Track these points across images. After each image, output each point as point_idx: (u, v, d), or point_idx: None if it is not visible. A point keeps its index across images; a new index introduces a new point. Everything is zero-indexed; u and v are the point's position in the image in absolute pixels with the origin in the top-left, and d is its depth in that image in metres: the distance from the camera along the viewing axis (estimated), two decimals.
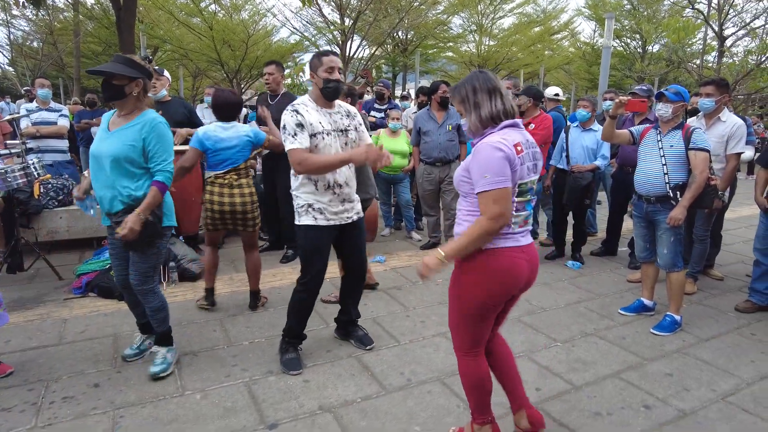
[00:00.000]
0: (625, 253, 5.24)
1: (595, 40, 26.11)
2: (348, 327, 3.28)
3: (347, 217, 2.94)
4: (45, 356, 3.03)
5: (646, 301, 3.86)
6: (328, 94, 2.80)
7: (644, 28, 21.46)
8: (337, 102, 2.94)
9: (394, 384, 2.78)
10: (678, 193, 3.43)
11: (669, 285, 3.62)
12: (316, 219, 2.83)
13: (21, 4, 10.00)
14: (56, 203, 4.99)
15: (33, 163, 4.16)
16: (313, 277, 2.91)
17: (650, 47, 23.81)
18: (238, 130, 3.51)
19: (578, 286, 4.45)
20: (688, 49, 21.00)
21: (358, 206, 3.06)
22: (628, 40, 24.55)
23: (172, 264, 4.18)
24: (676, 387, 2.83)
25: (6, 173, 3.79)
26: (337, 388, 2.72)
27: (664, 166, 3.47)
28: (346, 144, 2.87)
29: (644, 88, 4.84)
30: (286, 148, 2.71)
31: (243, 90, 20.58)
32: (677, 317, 3.60)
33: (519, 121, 2.01)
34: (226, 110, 3.52)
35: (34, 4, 9.65)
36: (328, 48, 19.80)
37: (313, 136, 2.74)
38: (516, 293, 2.08)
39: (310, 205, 2.82)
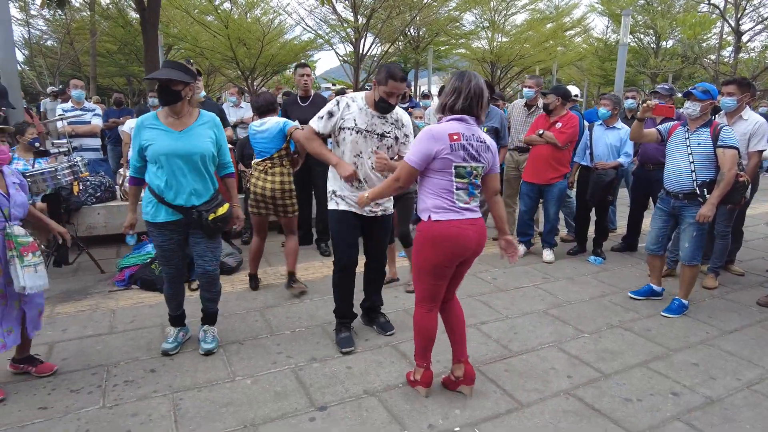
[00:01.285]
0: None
1: (607, 36, 26.02)
2: (370, 314, 3.47)
3: (370, 211, 3.08)
4: (101, 344, 3.22)
5: (655, 287, 4.07)
6: (378, 108, 2.96)
7: (658, 24, 21.35)
8: (395, 109, 3.04)
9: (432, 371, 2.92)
10: (705, 190, 3.55)
11: (683, 275, 3.82)
12: (337, 204, 3.06)
13: (45, 4, 10.26)
14: (94, 200, 5.19)
15: (77, 162, 4.35)
16: (341, 256, 3.11)
17: (664, 43, 23.67)
18: (270, 122, 3.85)
19: (601, 280, 4.57)
20: (704, 45, 20.88)
21: (387, 204, 3.17)
22: (642, 36, 24.40)
23: None
24: (702, 376, 2.95)
25: (56, 171, 3.98)
26: (379, 375, 2.88)
27: (692, 164, 3.59)
28: (378, 148, 2.99)
29: (666, 87, 4.93)
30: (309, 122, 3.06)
31: (257, 88, 20.77)
32: (685, 301, 3.83)
33: (467, 117, 2.40)
34: (263, 107, 3.92)
35: (58, 5, 9.91)
36: (341, 46, 19.96)
37: (341, 129, 2.95)
38: (467, 257, 2.50)
39: (334, 192, 3.08)
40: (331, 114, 2.96)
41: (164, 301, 3.18)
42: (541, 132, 4.80)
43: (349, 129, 2.94)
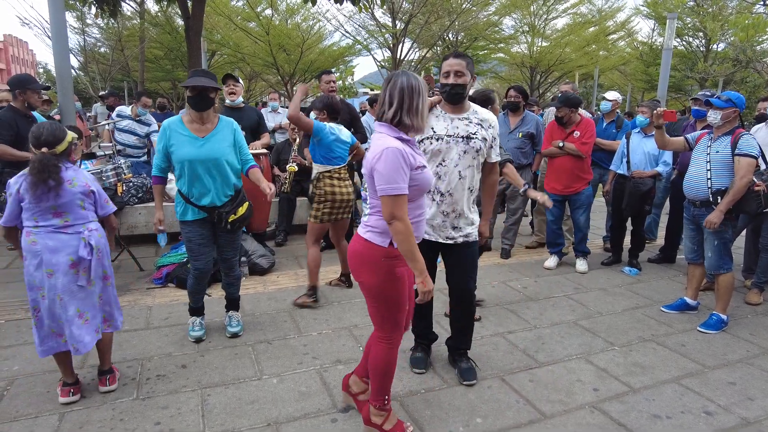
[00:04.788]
0: (684, 260, 5.14)
1: (653, 40, 25.17)
2: (454, 354, 3.05)
3: (448, 237, 2.73)
4: (137, 338, 3.37)
5: (689, 300, 3.97)
6: (446, 98, 2.68)
7: (708, 26, 20.54)
8: (475, 109, 2.76)
9: (455, 379, 2.92)
10: (719, 197, 3.52)
11: (717, 286, 3.73)
12: None
13: (99, 14, 10.79)
14: (136, 200, 5.43)
15: (121, 164, 4.57)
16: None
17: (715, 46, 22.74)
18: (344, 131, 3.96)
19: (636, 292, 4.44)
20: (758, 48, 19.94)
21: (470, 229, 2.77)
22: (691, 39, 23.53)
23: (243, 259, 4.49)
24: (740, 396, 2.83)
25: (101, 173, 4.21)
26: (401, 380, 2.90)
27: (708, 171, 3.58)
28: (465, 152, 2.66)
29: (707, 93, 4.75)
30: None
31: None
32: (723, 316, 3.69)
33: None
34: (336, 113, 3.98)
35: (111, 14, 10.40)
36: (379, 51, 20.13)
37: (420, 141, 2.67)
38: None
39: None
40: None
41: None
42: (561, 144, 4.73)
43: (428, 139, 2.67)
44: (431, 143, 2.67)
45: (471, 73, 2.63)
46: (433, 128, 2.69)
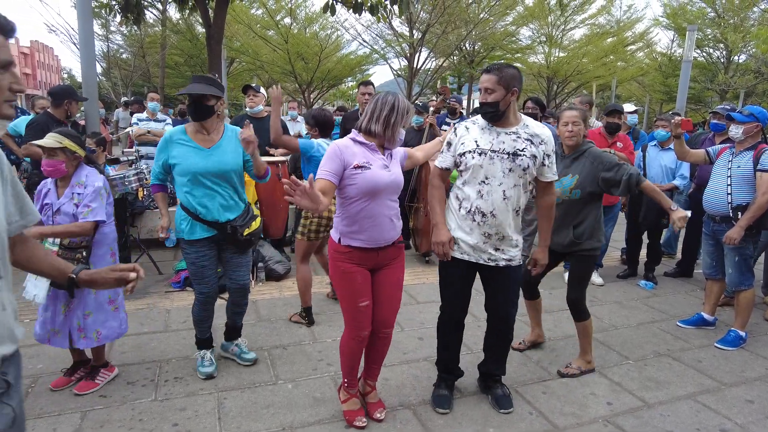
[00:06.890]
0: (701, 275, 5.09)
1: (672, 51, 24.94)
2: (487, 380, 2.89)
3: (489, 259, 2.57)
4: (155, 341, 3.44)
5: (706, 316, 3.93)
6: (482, 115, 2.55)
7: (729, 38, 20.29)
8: (526, 123, 2.56)
9: (469, 389, 2.94)
10: (739, 213, 3.49)
11: (737, 302, 3.70)
12: None
13: (123, 22, 11.06)
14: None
15: (143, 169, 4.68)
16: (445, 305, 2.76)
17: (736, 57, 22.45)
18: None
19: (651, 306, 4.41)
20: None
21: (514, 252, 2.60)
22: (711, 50, 23.27)
23: (260, 265, 4.56)
24: (757, 414, 2.80)
25: (124, 177, 4.32)
26: (415, 388, 2.92)
27: (729, 186, 3.55)
28: (510, 170, 2.46)
29: (727, 107, 4.72)
30: None
31: (313, 101, 21.40)
32: (742, 333, 3.65)
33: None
34: (328, 128, 3.82)
35: (134, 22, 10.65)
36: (396, 60, 20.26)
37: (462, 154, 2.54)
38: None
39: None
40: (449, 143, 2.61)
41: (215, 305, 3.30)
42: (612, 152, 4.71)
43: (470, 152, 2.49)
44: (473, 157, 2.49)
45: (507, 87, 2.41)
46: (476, 141, 2.51)
